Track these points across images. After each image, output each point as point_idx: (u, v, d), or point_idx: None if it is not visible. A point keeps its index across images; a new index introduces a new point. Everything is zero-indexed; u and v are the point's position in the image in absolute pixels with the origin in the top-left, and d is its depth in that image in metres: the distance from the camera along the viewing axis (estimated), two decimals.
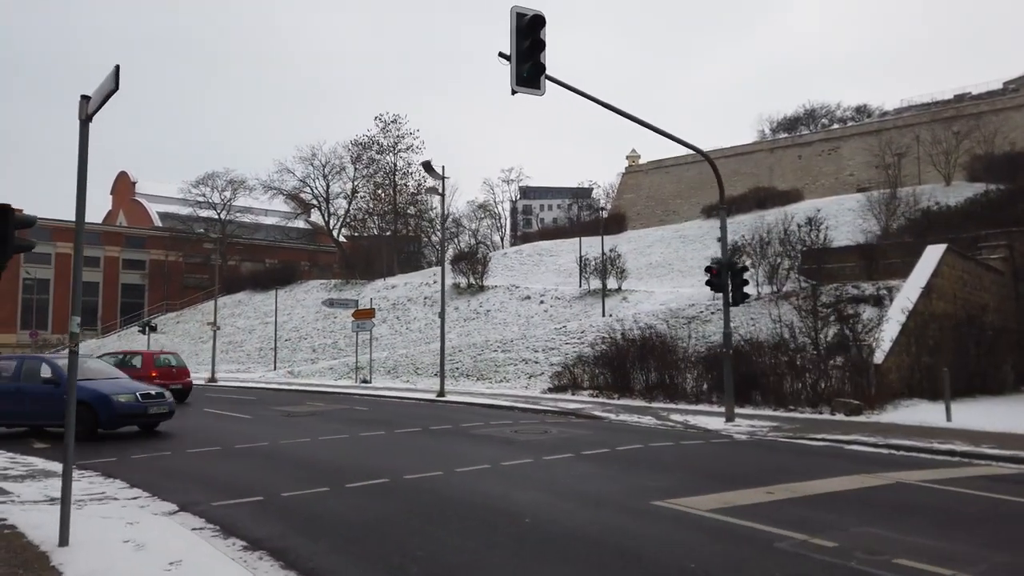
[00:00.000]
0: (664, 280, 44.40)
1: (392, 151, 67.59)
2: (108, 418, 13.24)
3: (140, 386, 14.48)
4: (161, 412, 14.11)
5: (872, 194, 42.93)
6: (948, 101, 75.51)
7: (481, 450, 11.34)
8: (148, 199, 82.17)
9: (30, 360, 14.93)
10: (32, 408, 13.71)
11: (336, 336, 46.85)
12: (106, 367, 16.46)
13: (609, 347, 22.97)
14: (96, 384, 13.67)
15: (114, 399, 13.27)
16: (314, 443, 12.49)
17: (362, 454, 11.12)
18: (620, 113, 14.74)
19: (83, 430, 11.93)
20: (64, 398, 10.18)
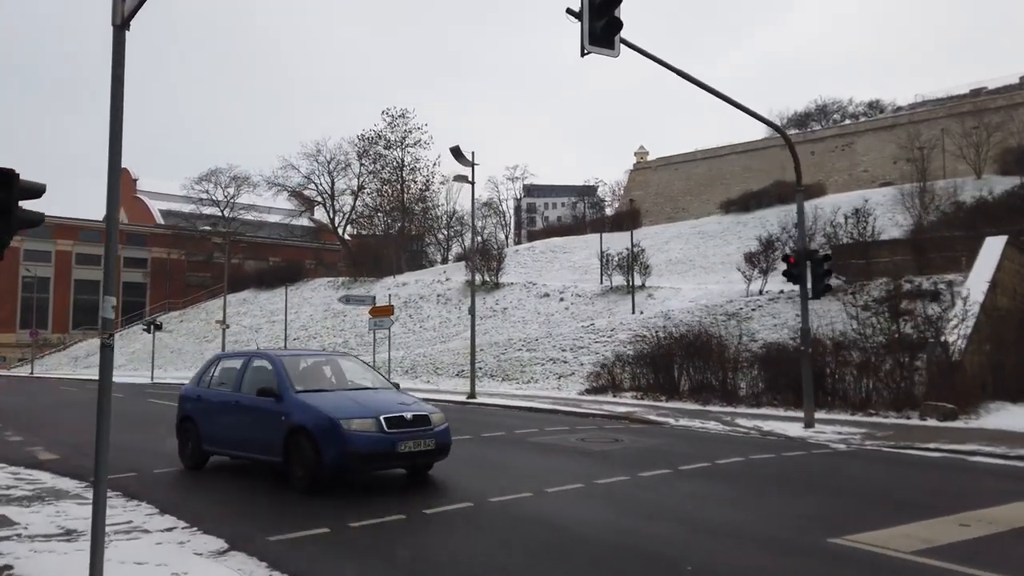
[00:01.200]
0: (686, 276, 42.89)
1: (400, 146, 66.05)
2: (334, 458, 7.94)
3: (390, 403, 8.71)
4: (424, 449, 8.34)
5: (904, 187, 41.42)
6: (964, 96, 74.05)
7: (558, 464, 9.85)
8: (149, 196, 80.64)
9: (260, 359, 9.84)
10: (244, 433, 9.20)
11: (347, 335, 45.36)
12: (358, 367, 10.55)
13: (651, 346, 21.46)
14: (322, 401, 8.48)
15: (344, 427, 7.93)
16: None
17: None
18: (695, 82, 13.24)
19: (302, 474, 8.09)
20: (285, 419, 8.20)
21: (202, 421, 9.81)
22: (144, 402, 23.29)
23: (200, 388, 10.34)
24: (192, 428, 9.97)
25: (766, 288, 31.56)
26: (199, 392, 10.25)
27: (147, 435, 13.57)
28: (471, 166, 22.32)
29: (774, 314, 25.77)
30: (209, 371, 10.53)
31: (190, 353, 52.62)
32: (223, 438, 9.53)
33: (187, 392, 10.57)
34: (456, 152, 21.79)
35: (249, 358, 10.02)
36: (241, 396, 9.37)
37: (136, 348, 56.83)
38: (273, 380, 8.94)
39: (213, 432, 9.65)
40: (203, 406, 9.95)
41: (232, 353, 13.40)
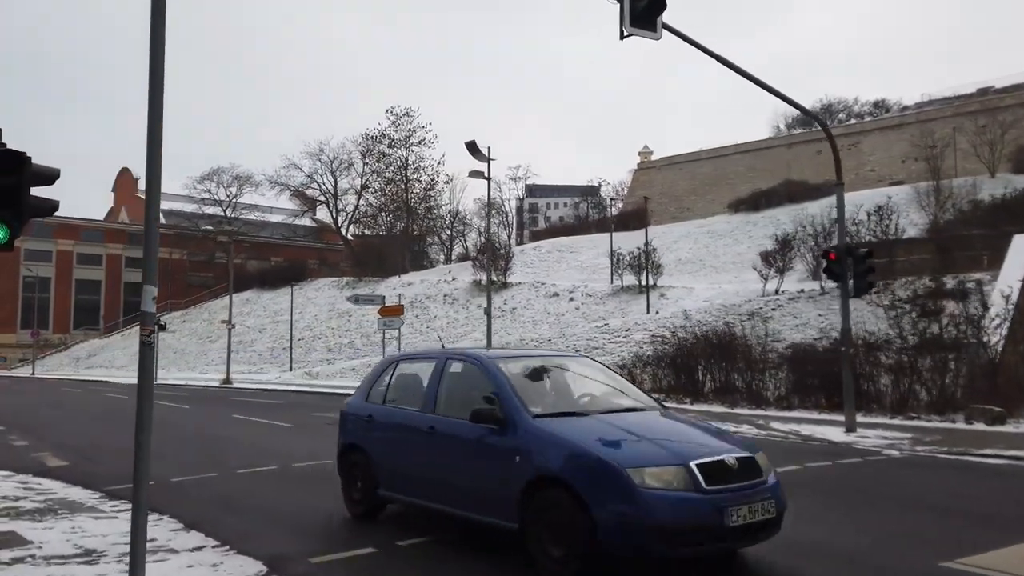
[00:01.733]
0: (697, 276, 42.32)
1: (404, 145, 65.52)
2: (618, 530, 4.73)
3: (692, 438, 5.41)
4: (763, 519, 4.86)
5: (920, 186, 40.83)
6: (972, 95, 73.50)
7: None
8: None
9: (462, 362, 6.65)
10: (447, 476, 6.05)
11: (352, 335, 44.75)
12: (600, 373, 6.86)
13: (673, 347, 20.83)
14: (580, 432, 5.31)
15: (634, 480, 4.73)
16: None
17: None
18: (736, 69, 12.62)
19: (558, 554, 4.95)
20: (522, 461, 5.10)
21: (377, 453, 6.73)
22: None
23: (371, 404, 7.15)
24: (362, 462, 6.88)
25: (782, 288, 30.99)
26: (370, 410, 7.05)
27: (160, 440, 12.95)
28: (487, 161, 21.73)
29: (795, 314, 25.18)
30: (382, 378, 7.32)
31: (193, 353, 52.01)
32: (411, 480, 6.38)
33: (353, 408, 7.36)
34: (472, 147, 21.18)
35: (443, 361, 6.63)
36: (437, 419, 6.17)
37: (138, 349, 56.11)
38: (491, 396, 5.68)
39: (394, 470, 6.56)
40: (378, 431, 6.84)
41: (415, 354, 9.75)
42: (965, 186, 39.33)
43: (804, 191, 52.68)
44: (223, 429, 14.77)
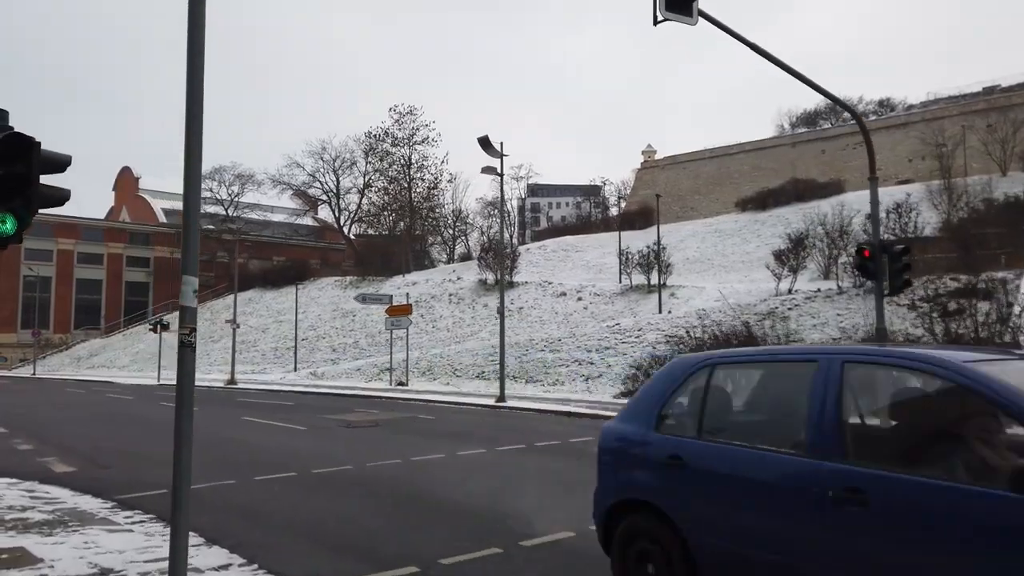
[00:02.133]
0: (705, 275, 41.83)
1: (407, 143, 64.97)
2: None
3: None
4: None
5: (932, 184, 40.35)
6: (978, 94, 73.10)
7: None
8: (152, 195, 79.38)
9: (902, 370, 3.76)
10: None
11: (357, 335, 44.25)
12: None
13: (691, 347, 20.34)
14: None
15: None
16: (409, 466, 9.88)
17: (503, 488, 8.43)
18: (771, 59, 12.13)
19: None
20: None
21: (699, 526, 4.03)
22: (157, 406, 22.21)
23: (671, 435, 4.43)
24: (664, 538, 4.16)
25: (795, 287, 30.50)
26: (674, 446, 4.30)
27: (171, 444, 12.48)
28: (499, 157, 21.23)
29: (813, 313, 24.67)
30: (683, 391, 4.54)
31: (195, 353, 51.42)
32: None
33: (629, 438, 4.65)
34: (484, 142, 20.69)
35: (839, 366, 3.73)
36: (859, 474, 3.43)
37: (140, 348, 55.65)
38: None
39: (747, 563, 3.82)
40: (698, 485, 4.12)
41: (756, 354, 5.31)
42: (979, 184, 38.82)
43: (812, 189, 52.23)
44: (235, 432, 14.27)
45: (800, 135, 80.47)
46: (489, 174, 21.21)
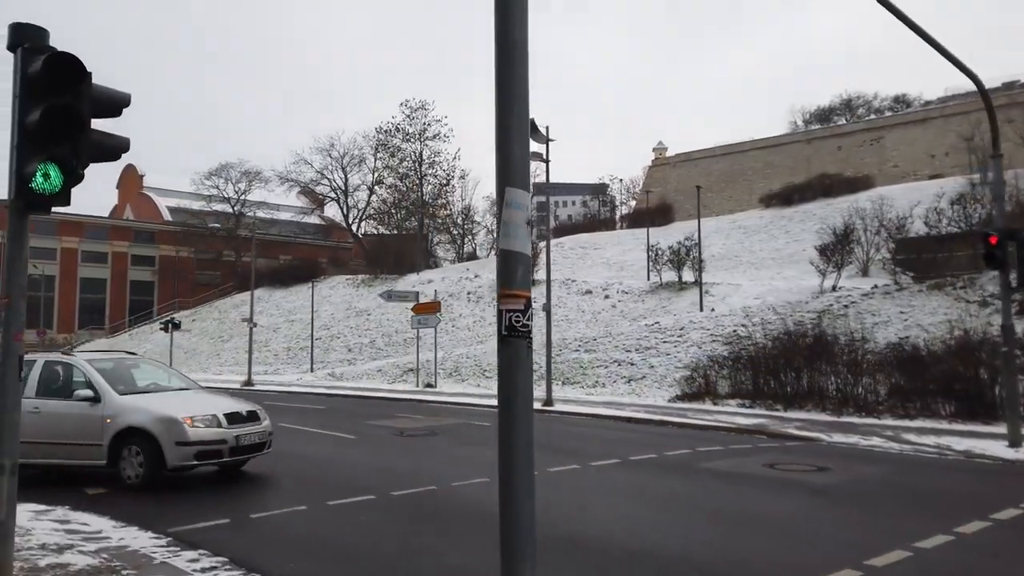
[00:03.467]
0: (734, 272, 40.38)
1: (418, 139, 63.46)
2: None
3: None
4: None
5: (975, 177, 38.87)
6: (998, 89, 71.67)
7: (808, 510, 7.27)
8: (156, 193, 77.86)
9: None
10: None
11: (373, 335, 42.78)
12: None
13: (750, 347, 18.90)
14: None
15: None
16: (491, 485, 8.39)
17: (653, 521, 6.97)
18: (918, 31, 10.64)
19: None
20: None
21: None
22: None
23: None
24: None
25: (839, 284, 29.04)
26: None
27: None
28: (546, 142, 19.77)
29: (872, 311, 23.18)
30: None
31: (205, 353, 50.03)
32: None
33: None
34: (530, 127, 19.18)
35: None
36: None
37: (147, 348, 54.07)
38: None
39: None
40: None
41: None
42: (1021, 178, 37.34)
43: (838, 185, 50.76)
44: (281, 443, 12.78)
45: (815, 131, 79.19)
46: (534, 161, 19.70)
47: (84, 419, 8.80)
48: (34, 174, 4.10)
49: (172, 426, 8.47)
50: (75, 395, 8.99)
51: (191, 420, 8.57)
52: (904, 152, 70.57)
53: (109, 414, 8.70)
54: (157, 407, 8.81)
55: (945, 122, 67.46)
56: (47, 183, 4.16)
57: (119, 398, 8.88)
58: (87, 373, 9.17)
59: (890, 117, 77.60)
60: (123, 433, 8.59)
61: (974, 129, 46.81)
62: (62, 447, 8.91)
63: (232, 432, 8.78)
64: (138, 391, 9.43)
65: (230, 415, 9.01)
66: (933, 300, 22.68)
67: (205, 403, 9.35)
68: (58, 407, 9.02)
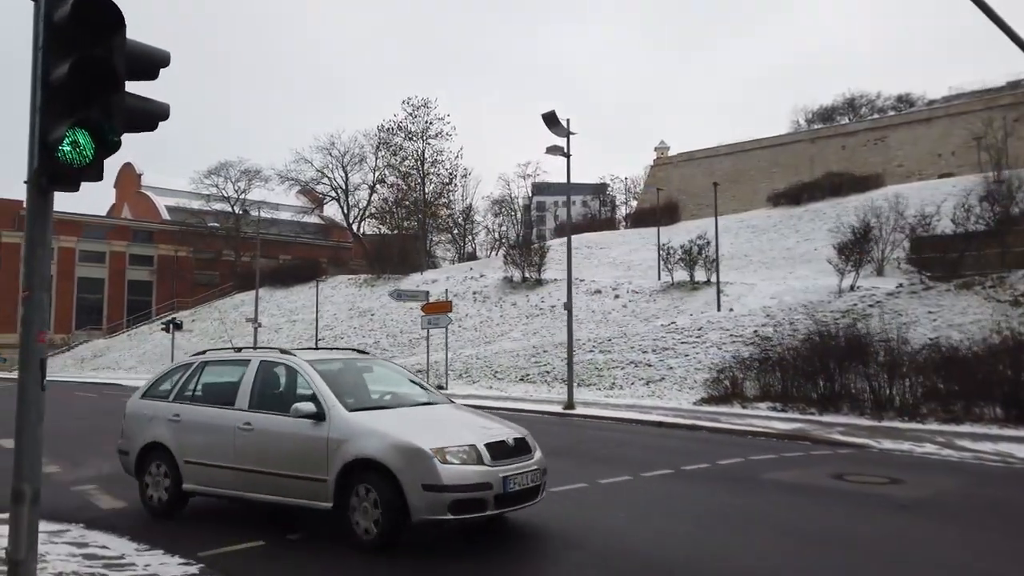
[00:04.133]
0: (745, 272, 39.69)
1: (421, 137, 62.72)
2: None
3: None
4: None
5: (990, 176, 38.22)
6: (1002, 88, 71.43)
7: (915, 530, 6.57)
8: (155, 192, 77.01)
9: None
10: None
11: (378, 335, 42.02)
12: None
13: (787, 349, 18.22)
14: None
15: None
16: (562, 501, 7.70)
17: (720, 542, 6.26)
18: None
19: None
20: None
21: None
22: None
23: None
24: None
25: (857, 284, 28.39)
26: None
27: None
28: (567, 136, 19.08)
29: (899, 311, 22.53)
30: None
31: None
32: None
33: None
34: (550, 119, 18.53)
35: None
36: None
37: (146, 349, 53.39)
38: None
39: None
40: None
41: None
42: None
43: (850, 183, 50.10)
44: None
45: (820, 131, 78.76)
46: (555, 154, 19.03)
47: (304, 443, 6.42)
48: (61, 141, 3.40)
49: (417, 460, 5.88)
50: (294, 409, 6.49)
51: (442, 453, 5.90)
52: (909, 151, 70.15)
53: (336, 437, 6.26)
54: (396, 430, 6.21)
55: (951, 121, 66.96)
56: (76, 152, 3.46)
57: (348, 416, 6.39)
58: (311, 380, 6.77)
59: (894, 116, 77.19)
60: (353, 466, 6.13)
61: (987, 127, 46.20)
62: (273, 479, 6.57)
63: (497, 472, 5.99)
64: (371, 406, 6.93)
65: (493, 446, 6.18)
66: (962, 300, 22.05)
67: (458, 426, 6.60)
68: (273, 424, 6.72)
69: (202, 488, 7.16)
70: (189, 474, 7.20)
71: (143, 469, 7.56)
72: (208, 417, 7.24)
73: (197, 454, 7.17)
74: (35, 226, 3.66)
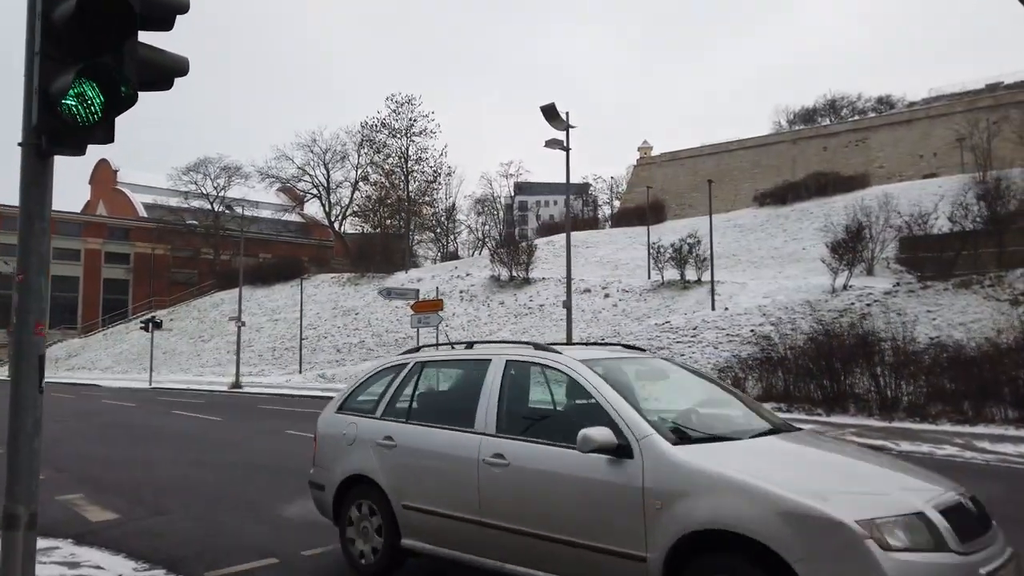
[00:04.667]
0: (734, 271, 39.49)
1: (405, 135, 62.01)
2: None
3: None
4: None
5: (977, 176, 38.37)
6: (980, 91, 72.42)
7: None
8: (131, 189, 75.45)
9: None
10: None
11: (363, 334, 41.30)
12: None
13: (790, 349, 17.86)
14: None
15: None
16: None
17: None
18: None
19: None
20: None
21: None
22: (170, 415, 19.13)
23: None
24: None
25: (850, 283, 28.21)
26: None
27: (226, 469, 9.65)
28: (566, 129, 18.59)
29: (897, 310, 22.27)
30: None
31: (185, 354, 48.16)
32: None
33: None
34: (549, 111, 18.04)
35: None
36: None
37: (123, 348, 52.16)
38: None
39: None
40: None
41: None
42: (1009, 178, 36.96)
43: (836, 183, 50.21)
44: (303, 453, 11.43)
45: (802, 131, 79.23)
46: (554, 148, 18.54)
47: (599, 493, 3.99)
48: (65, 93, 2.83)
49: (830, 541, 3.28)
50: (581, 438, 3.95)
51: (876, 528, 3.27)
52: (890, 153, 70.74)
53: (657, 487, 3.79)
54: (772, 482, 3.56)
55: (931, 123, 67.62)
56: (83, 107, 2.88)
57: (674, 453, 3.88)
58: (597, 391, 4.30)
59: (875, 118, 77.86)
60: (697, 540, 3.62)
61: (972, 128, 46.48)
62: (547, 548, 4.16)
63: (976, 564, 3.40)
64: (705, 435, 4.24)
65: (950, 512, 3.54)
66: (961, 299, 21.88)
67: (873, 476, 4.00)
68: (540, 459, 4.31)
69: (430, 548, 4.81)
70: (410, 525, 4.91)
71: (343, 511, 5.39)
72: (436, 443, 4.88)
73: (421, 496, 4.85)
74: (31, 196, 3.07)
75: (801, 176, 60.40)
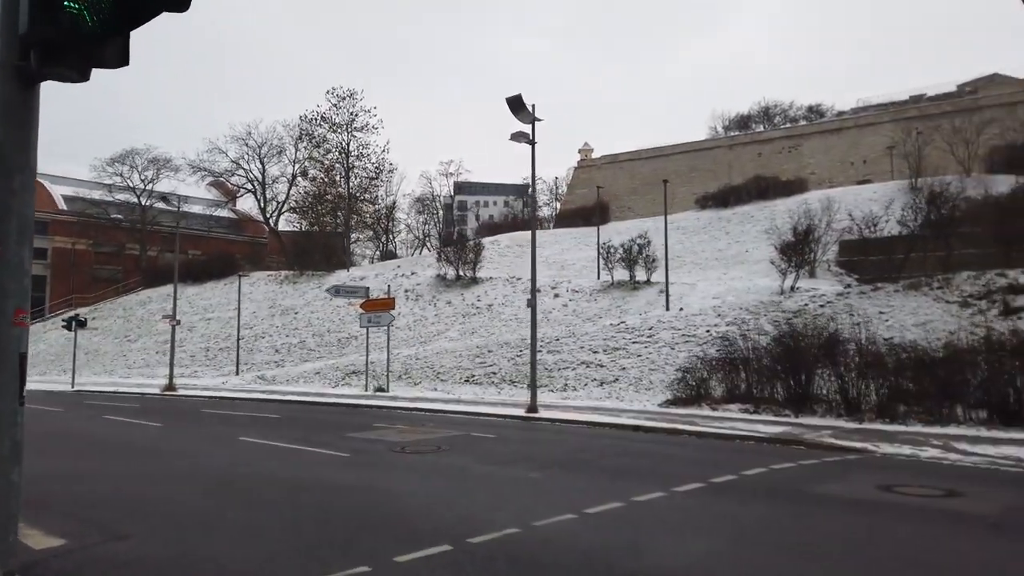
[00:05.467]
0: (679, 272, 39.58)
1: (346, 129, 60.39)
2: None
3: None
4: None
5: (903, 183, 39.60)
6: (905, 102, 75.65)
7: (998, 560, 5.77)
8: (49, 180, 71.13)
9: None
10: None
11: (303, 334, 39.79)
12: None
13: (754, 349, 17.70)
14: None
15: None
16: (601, 527, 6.58)
17: None
18: None
19: None
20: None
21: None
22: (102, 421, 17.66)
23: None
24: None
25: (797, 284, 28.55)
26: None
27: (184, 481, 8.65)
28: (532, 122, 17.99)
29: (849, 311, 22.55)
30: None
31: (110, 355, 45.53)
32: None
33: None
34: (515, 103, 17.41)
35: None
36: None
37: (40, 349, 48.96)
38: None
39: None
40: None
41: None
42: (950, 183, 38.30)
43: (776, 187, 51.26)
44: (260, 463, 10.38)
45: (737, 137, 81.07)
46: (519, 141, 17.90)
47: None
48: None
49: None
50: None
51: None
52: (821, 160, 73.02)
53: None
54: None
55: (859, 131, 70.22)
56: (91, 11, 2.07)
57: None
58: None
59: (807, 126, 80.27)
60: None
61: (905, 137, 48.13)
62: None
63: None
64: None
65: None
66: (911, 300, 22.25)
67: None
68: None
69: None
70: None
71: None
72: None
73: None
74: (10, 139, 2.20)
75: (738, 180, 61.68)
